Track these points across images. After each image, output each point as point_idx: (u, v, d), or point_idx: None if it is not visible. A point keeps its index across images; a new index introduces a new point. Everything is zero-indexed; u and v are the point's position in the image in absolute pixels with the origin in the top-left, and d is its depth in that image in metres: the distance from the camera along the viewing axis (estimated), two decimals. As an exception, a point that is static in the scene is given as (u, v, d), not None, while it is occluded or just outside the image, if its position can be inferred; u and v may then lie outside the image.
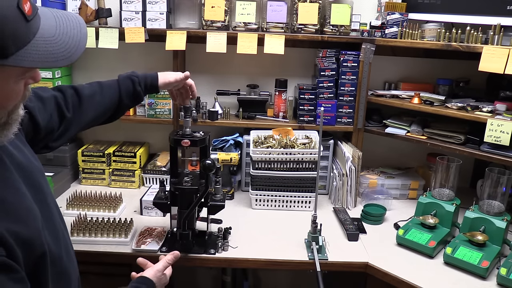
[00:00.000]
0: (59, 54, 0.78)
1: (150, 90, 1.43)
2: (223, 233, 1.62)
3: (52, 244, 0.94)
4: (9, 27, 0.71)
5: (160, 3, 1.94)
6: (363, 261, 1.56)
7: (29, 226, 0.88)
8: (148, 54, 2.20)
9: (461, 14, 1.78)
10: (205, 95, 2.22)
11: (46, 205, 0.99)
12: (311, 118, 2.06)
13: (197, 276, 2.45)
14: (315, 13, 1.94)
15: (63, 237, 1.04)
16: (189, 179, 1.52)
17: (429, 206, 1.71)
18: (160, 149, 2.32)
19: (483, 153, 1.69)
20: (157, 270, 1.25)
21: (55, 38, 0.79)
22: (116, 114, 1.43)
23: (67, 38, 0.80)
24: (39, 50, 0.76)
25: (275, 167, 1.92)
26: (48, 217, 0.98)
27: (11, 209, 0.86)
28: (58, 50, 0.78)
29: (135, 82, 1.39)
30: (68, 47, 0.80)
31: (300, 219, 1.84)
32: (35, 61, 0.75)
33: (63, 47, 0.79)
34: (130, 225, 1.66)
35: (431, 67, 2.19)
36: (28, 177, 0.95)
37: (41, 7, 0.83)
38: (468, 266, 1.48)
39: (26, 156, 1.00)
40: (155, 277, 1.23)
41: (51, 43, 0.78)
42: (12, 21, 0.71)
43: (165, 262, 1.30)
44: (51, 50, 0.77)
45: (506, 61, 1.49)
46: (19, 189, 0.90)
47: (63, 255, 1.00)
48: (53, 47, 0.78)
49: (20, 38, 0.73)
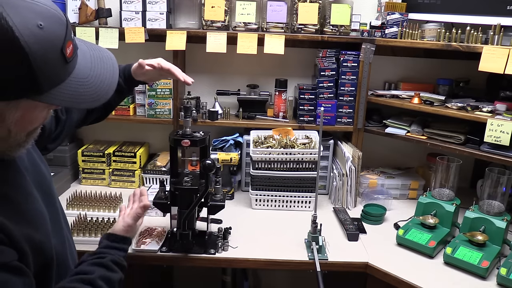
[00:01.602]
0: (88, 96, 0.82)
1: (129, 80, 1.38)
2: (223, 233, 1.62)
3: (58, 247, 0.96)
4: (49, 68, 0.74)
5: (160, 3, 1.94)
6: (363, 261, 1.56)
7: (41, 231, 0.90)
8: (148, 54, 2.18)
9: (461, 14, 1.78)
10: (205, 95, 2.22)
11: (55, 208, 1.00)
12: (311, 118, 2.06)
13: (197, 276, 2.44)
14: (315, 13, 1.94)
15: (67, 240, 1.05)
16: (189, 179, 1.52)
17: (429, 206, 1.71)
18: (160, 149, 2.32)
19: (483, 153, 1.68)
20: (128, 225, 1.21)
21: (87, 80, 0.82)
22: (105, 111, 1.41)
23: (98, 81, 0.84)
24: (70, 90, 0.79)
25: (275, 167, 1.91)
26: (56, 220, 0.99)
27: (26, 213, 0.87)
28: (88, 92, 0.82)
29: None
30: (97, 90, 0.84)
31: (300, 219, 1.84)
32: (64, 101, 0.78)
33: (93, 89, 0.83)
34: (130, 225, 1.65)
35: (431, 67, 2.19)
36: (38, 181, 0.96)
37: (80, 43, 0.85)
38: (468, 266, 1.48)
39: (36, 160, 1.01)
40: (127, 233, 1.19)
41: (83, 85, 0.81)
42: (53, 63, 0.75)
43: (136, 215, 1.24)
44: (81, 92, 0.80)
45: (506, 61, 1.49)
46: (32, 193, 0.91)
47: (68, 257, 1.01)
48: (84, 89, 0.81)
49: (56, 78, 0.77)
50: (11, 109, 0.77)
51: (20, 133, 0.82)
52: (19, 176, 0.90)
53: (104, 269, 1.01)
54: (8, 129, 0.80)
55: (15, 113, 0.78)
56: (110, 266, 1.03)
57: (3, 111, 0.77)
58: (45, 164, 1.06)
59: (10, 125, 0.79)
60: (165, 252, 1.55)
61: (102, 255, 1.06)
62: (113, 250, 1.10)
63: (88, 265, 1.01)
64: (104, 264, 1.02)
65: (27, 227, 0.84)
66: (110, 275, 1.01)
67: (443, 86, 2.07)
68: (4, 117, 0.77)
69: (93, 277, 0.96)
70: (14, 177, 0.88)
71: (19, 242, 0.81)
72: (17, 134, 0.82)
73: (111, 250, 1.10)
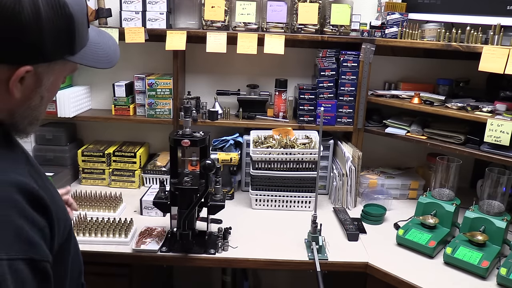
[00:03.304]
0: (104, 58, 0.91)
1: None
2: (223, 233, 1.62)
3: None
4: (82, 30, 0.82)
5: (160, 3, 1.94)
6: (363, 261, 1.56)
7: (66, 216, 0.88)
8: (148, 54, 2.21)
9: (461, 14, 1.78)
10: (205, 95, 2.22)
11: None
12: (311, 118, 2.06)
13: (197, 276, 2.44)
14: (315, 13, 1.94)
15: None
16: (189, 179, 1.52)
17: (429, 206, 1.71)
18: (160, 149, 2.32)
19: (483, 153, 1.69)
20: None
21: (100, 45, 0.91)
22: None
23: (106, 46, 0.93)
24: (92, 52, 0.87)
25: (275, 167, 1.91)
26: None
27: (55, 200, 0.84)
28: (103, 55, 0.91)
29: None
30: (109, 53, 0.93)
31: (300, 219, 1.84)
32: (90, 61, 0.86)
33: (105, 52, 0.92)
34: (130, 225, 1.66)
35: (431, 67, 2.19)
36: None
37: None
38: (468, 266, 1.48)
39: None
40: None
41: (98, 48, 0.90)
42: (83, 25, 0.83)
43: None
44: (99, 53, 0.89)
45: (506, 61, 1.49)
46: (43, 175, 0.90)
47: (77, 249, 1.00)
48: (100, 51, 0.90)
49: (84, 40, 0.84)
50: (49, 71, 0.79)
51: (48, 101, 0.85)
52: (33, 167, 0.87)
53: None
54: (41, 95, 0.81)
55: (51, 76, 0.80)
56: None
57: (43, 74, 0.78)
58: None
59: (44, 91, 0.81)
60: (165, 252, 1.55)
61: None
62: None
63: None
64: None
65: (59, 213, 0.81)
66: None
67: (443, 86, 2.07)
68: (42, 81, 0.79)
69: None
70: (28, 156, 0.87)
71: (54, 225, 0.77)
72: (46, 103, 0.84)
73: None
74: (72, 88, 2.14)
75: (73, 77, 2.23)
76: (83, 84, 2.23)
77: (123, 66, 2.20)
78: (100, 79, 2.23)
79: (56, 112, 2.03)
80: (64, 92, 2.02)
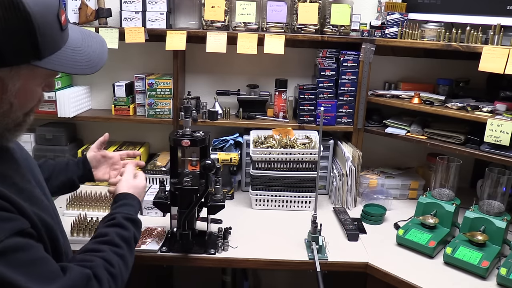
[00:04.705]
0: (84, 63, 0.87)
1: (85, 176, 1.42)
2: (223, 233, 1.62)
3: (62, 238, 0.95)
4: (48, 32, 0.78)
5: (160, 3, 1.94)
6: (363, 261, 1.56)
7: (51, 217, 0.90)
8: (148, 54, 2.20)
9: (461, 14, 1.78)
10: (205, 95, 2.22)
11: (49, 199, 1.00)
12: (311, 118, 2.06)
13: (197, 276, 2.44)
14: (315, 13, 1.94)
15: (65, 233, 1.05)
16: (189, 179, 1.52)
17: (429, 206, 1.71)
18: (160, 149, 2.32)
19: (483, 153, 1.69)
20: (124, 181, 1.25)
21: (81, 49, 0.88)
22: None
23: (91, 51, 0.90)
24: (67, 58, 0.84)
25: (275, 167, 1.91)
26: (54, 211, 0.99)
27: (34, 198, 0.88)
28: (83, 60, 0.87)
29: None
30: (91, 58, 0.89)
31: (300, 219, 1.84)
32: (62, 66, 0.83)
33: (87, 57, 0.88)
34: (130, 225, 1.65)
35: (431, 67, 2.19)
36: (31, 172, 0.96)
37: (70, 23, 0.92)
38: (468, 266, 1.48)
39: (24, 151, 1.01)
40: (128, 189, 1.22)
41: (78, 53, 0.87)
42: (51, 27, 0.79)
43: (132, 168, 1.32)
44: (77, 59, 0.86)
45: (506, 61, 1.49)
46: (31, 181, 0.91)
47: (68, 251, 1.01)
48: (79, 56, 0.87)
49: (54, 44, 0.81)
50: (13, 77, 0.78)
51: (21, 108, 0.84)
52: (16, 165, 0.90)
53: (117, 228, 1.06)
54: (10, 102, 0.80)
55: (16, 81, 0.79)
56: (122, 223, 1.07)
57: (5, 79, 0.78)
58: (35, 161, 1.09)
59: (11, 97, 0.80)
60: (165, 252, 1.55)
61: (112, 216, 1.10)
62: (120, 208, 1.15)
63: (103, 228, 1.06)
64: (116, 224, 1.07)
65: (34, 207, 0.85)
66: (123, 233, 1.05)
67: (443, 86, 2.07)
68: (7, 86, 0.78)
69: (110, 238, 1.01)
70: (10, 163, 0.89)
71: (30, 217, 0.81)
72: (17, 110, 0.83)
73: (118, 208, 1.14)
74: (72, 88, 2.14)
75: (73, 77, 2.23)
76: (83, 84, 2.23)
77: (123, 66, 2.21)
78: (100, 79, 2.23)
79: (56, 112, 2.03)
80: (64, 92, 2.02)
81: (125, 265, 1.01)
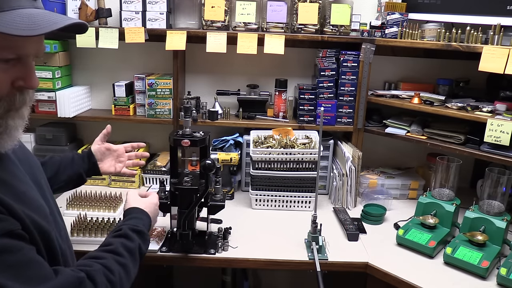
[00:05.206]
0: (23, 25, 0.76)
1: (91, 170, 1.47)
2: (223, 233, 1.62)
3: (60, 240, 0.95)
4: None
5: (160, 3, 1.94)
6: (363, 261, 1.56)
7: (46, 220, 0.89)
8: (148, 54, 2.21)
9: (461, 14, 1.78)
10: (205, 95, 2.22)
11: (48, 200, 1.00)
12: (311, 118, 2.06)
13: (197, 276, 2.44)
14: (315, 13, 1.94)
15: (66, 234, 1.05)
16: (189, 179, 1.52)
17: (429, 206, 1.71)
18: (160, 149, 2.32)
19: (483, 153, 1.68)
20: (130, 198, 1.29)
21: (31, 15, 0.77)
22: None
23: (42, 18, 0.78)
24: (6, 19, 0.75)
25: (275, 167, 1.91)
26: (52, 212, 0.99)
27: (28, 199, 0.87)
28: (24, 22, 0.76)
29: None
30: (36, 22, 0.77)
31: (300, 219, 1.84)
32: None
33: (31, 21, 0.77)
34: (130, 225, 1.65)
35: (431, 67, 2.19)
36: (30, 173, 0.96)
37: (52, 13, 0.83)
38: (468, 266, 1.48)
39: (25, 151, 1.01)
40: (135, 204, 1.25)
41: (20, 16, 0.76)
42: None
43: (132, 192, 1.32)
44: (17, 20, 0.76)
45: (506, 61, 1.49)
46: (27, 183, 0.91)
47: (67, 253, 1.01)
48: (20, 18, 0.76)
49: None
50: None
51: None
52: (12, 166, 0.90)
53: (122, 238, 1.07)
54: None
55: None
56: (127, 234, 1.09)
57: None
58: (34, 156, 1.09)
59: None
60: (165, 252, 1.55)
61: (119, 228, 1.12)
62: (128, 220, 1.17)
63: (109, 238, 1.08)
64: (121, 234, 1.08)
65: (27, 208, 0.84)
66: (127, 243, 1.07)
67: (443, 86, 2.07)
68: None
69: (113, 247, 1.03)
70: (7, 165, 0.88)
71: (21, 218, 0.81)
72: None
73: (126, 221, 1.17)
74: (72, 88, 2.14)
75: (73, 77, 2.23)
76: (83, 84, 2.23)
77: (123, 66, 2.21)
78: (100, 79, 2.23)
79: (56, 112, 2.03)
80: (64, 92, 2.02)
81: (127, 274, 1.01)
